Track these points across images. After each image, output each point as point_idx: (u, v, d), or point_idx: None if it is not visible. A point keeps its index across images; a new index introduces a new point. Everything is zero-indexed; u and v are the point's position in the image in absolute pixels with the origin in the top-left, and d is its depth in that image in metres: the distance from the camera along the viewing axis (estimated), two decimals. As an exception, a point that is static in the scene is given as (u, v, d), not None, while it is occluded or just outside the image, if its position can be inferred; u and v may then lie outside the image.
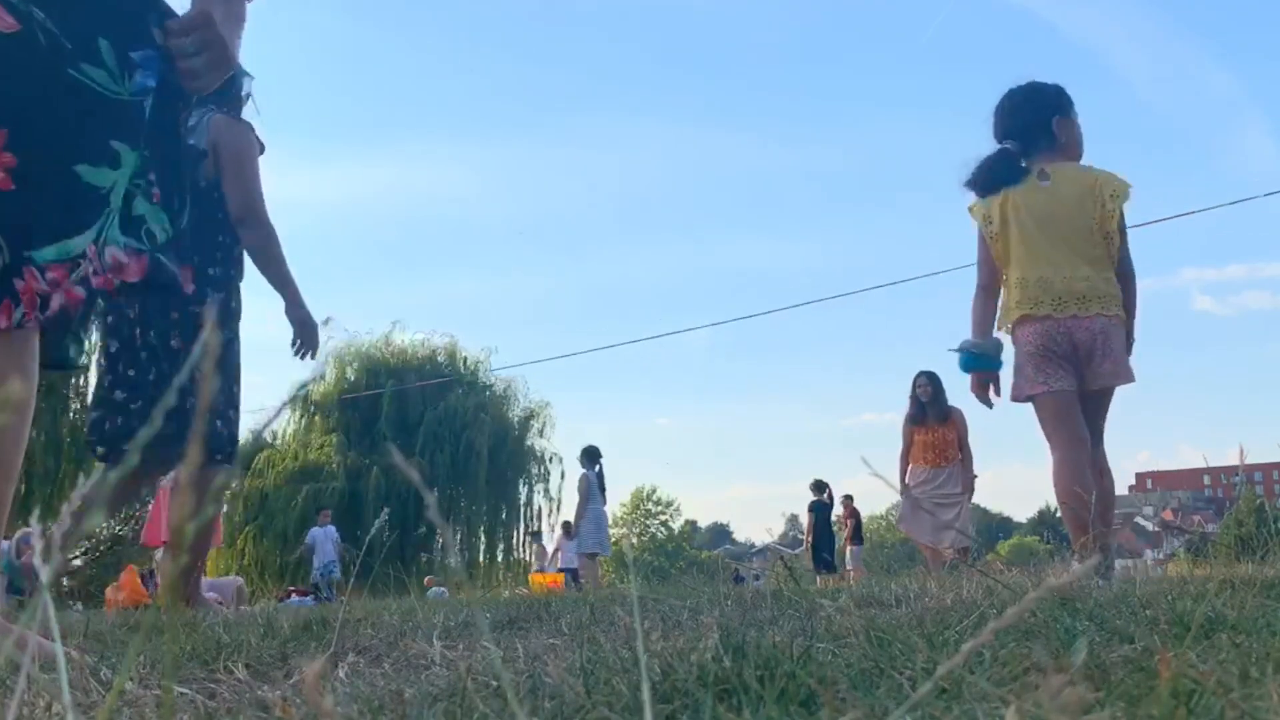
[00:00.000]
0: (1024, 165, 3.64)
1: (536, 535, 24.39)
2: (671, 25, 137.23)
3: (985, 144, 3.80)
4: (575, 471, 12.62)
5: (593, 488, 11.67)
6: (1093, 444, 3.54)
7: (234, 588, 10.20)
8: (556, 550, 16.64)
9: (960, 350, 3.74)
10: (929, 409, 7.39)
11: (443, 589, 14.80)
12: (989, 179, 3.67)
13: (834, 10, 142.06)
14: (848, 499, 16.34)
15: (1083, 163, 3.72)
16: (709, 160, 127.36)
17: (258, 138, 4.04)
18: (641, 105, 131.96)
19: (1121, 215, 3.57)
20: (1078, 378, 3.53)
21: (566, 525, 14.92)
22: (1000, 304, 3.69)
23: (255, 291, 4.12)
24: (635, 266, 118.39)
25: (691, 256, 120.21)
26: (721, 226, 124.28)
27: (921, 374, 7.50)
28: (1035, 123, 3.65)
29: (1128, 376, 3.57)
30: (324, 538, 15.51)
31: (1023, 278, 3.56)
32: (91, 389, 4.41)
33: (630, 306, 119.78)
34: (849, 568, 14.47)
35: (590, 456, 11.89)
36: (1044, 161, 3.62)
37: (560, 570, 15.10)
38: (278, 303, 4.11)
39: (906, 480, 7.37)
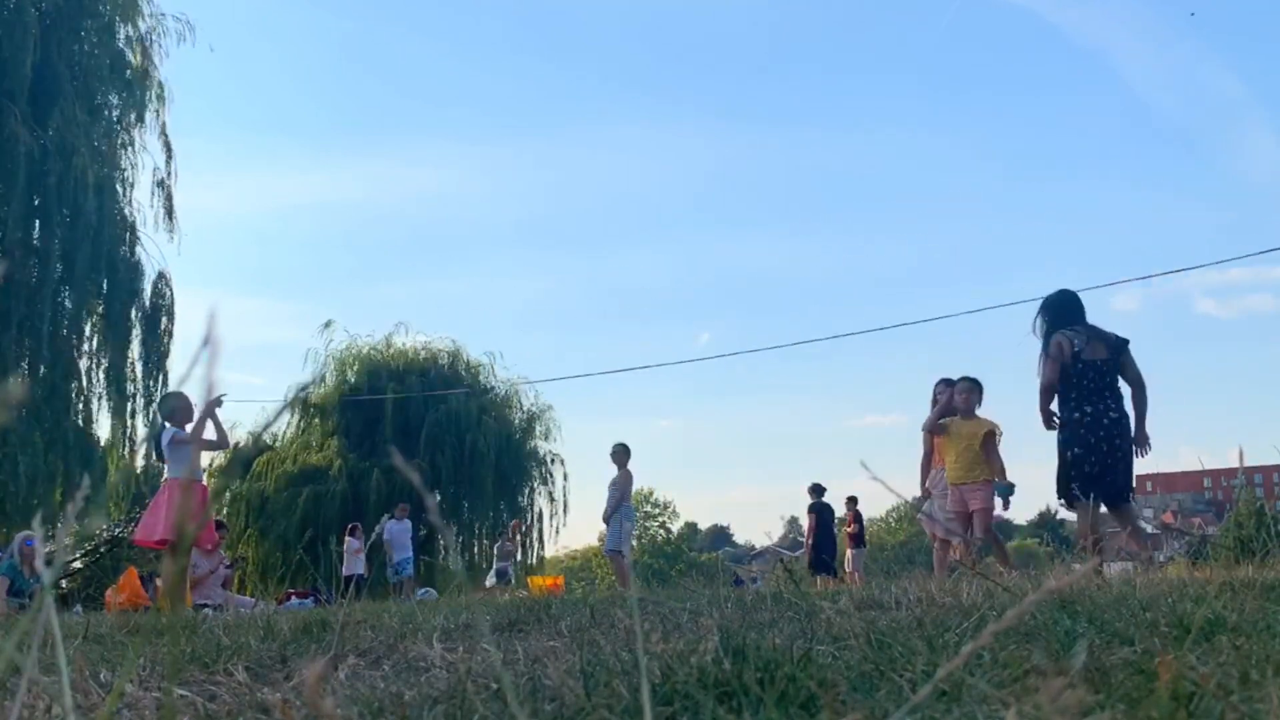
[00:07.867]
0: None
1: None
2: (673, 25, 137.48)
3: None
4: (578, 474, 12.42)
5: (629, 486, 11.11)
6: None
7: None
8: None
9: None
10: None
11: (430, 589, 15.08)
12: None
13: (835, 12, 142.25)
14: (851, 501, 16.16)
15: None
16: (712, 160, 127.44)
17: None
18: (644, 105, 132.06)
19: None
20: None
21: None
22: None
23: (255, 292, 4.14)
24: (637, 267, 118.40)
25: (693, 257, 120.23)
26: (724, 227, 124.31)
27: (941, 381, 7.60)
28: None
29: None
30: (399, 530, 15.91)
31: None
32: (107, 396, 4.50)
33: (632, 307, 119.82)
34: (848, 570, 14.43)
35: (626, 452, 11.16)
36: None
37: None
38: (276, 303, 4.14)
39: (928, 483, 7.45)
